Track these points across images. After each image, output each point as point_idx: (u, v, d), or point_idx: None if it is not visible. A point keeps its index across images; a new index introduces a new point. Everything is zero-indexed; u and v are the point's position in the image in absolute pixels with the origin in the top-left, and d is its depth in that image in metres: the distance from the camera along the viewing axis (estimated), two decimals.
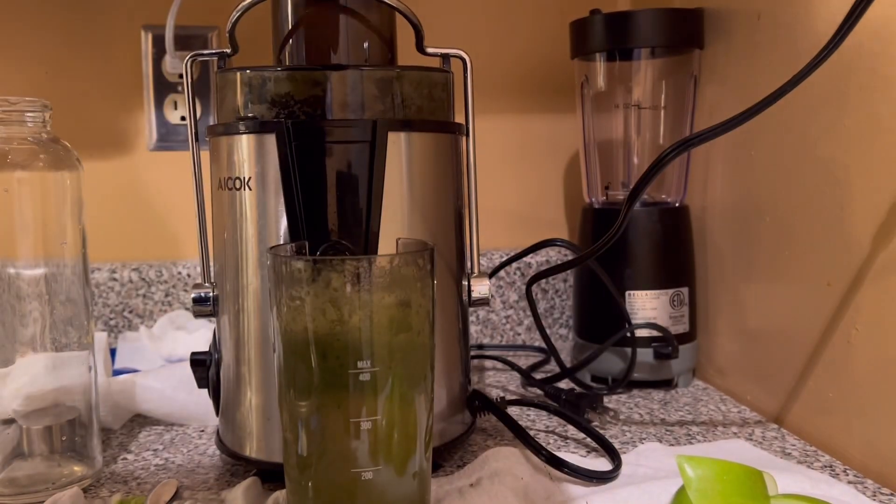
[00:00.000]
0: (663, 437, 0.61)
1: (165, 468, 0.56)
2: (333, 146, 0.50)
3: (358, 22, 0.54)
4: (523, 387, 0.74)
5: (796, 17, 0.61)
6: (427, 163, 0.53)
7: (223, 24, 0.54)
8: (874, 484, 0.52)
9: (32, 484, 0.50)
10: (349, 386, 0.38)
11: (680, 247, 0.74)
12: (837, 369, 0.57)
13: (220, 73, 0.53)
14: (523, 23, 0.90)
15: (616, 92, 0.77)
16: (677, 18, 0.72)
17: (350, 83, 0.51)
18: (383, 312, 0.38)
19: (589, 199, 0.79)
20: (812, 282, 0.59)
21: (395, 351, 0.39)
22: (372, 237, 0.50)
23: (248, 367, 0.52)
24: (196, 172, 0.55)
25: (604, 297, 0.72)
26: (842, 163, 0.56)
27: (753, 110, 0.49)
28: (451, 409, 0.55)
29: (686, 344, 0.73)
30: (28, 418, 0.51)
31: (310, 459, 0.40)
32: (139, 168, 0.86)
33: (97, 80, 0.85)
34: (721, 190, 0.73)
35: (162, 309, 0.85)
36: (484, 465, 0.52)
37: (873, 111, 0.53)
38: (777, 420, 0.64)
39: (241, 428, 0.53)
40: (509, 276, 0.89)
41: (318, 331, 0.38)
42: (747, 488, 0.44)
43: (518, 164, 0.92)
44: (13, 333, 0.50)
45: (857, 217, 0.55)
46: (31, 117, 0.51)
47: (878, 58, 0.52)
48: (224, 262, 0.53)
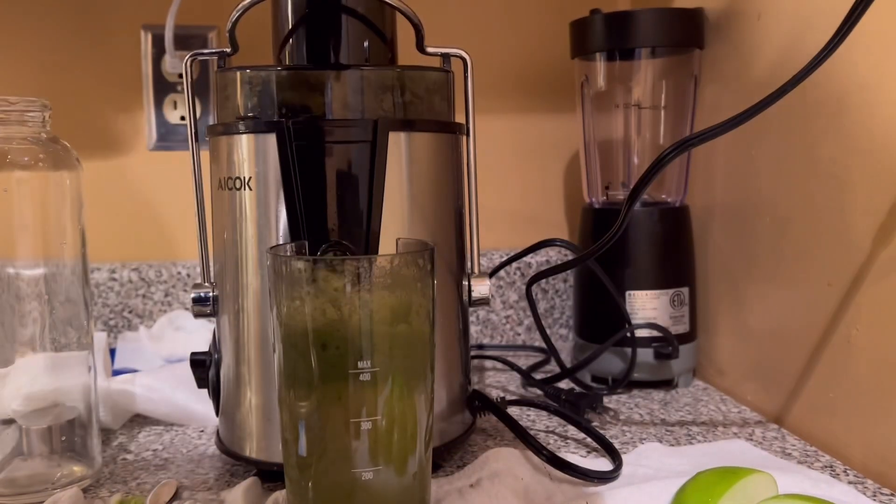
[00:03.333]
0: (663, 437, 0.61)
1: (165, 468, 0.56)
2: (334, 146, 0.50)
3: (358, 21, 0.54)
4: (523, 387, 0.74)
5: (796, 17, 0.61)
6: (427, 163, 0.53)
7: (223, 23, 0.54)
8: (874, 484, 0.51)
9: (32, 484, 0.50)
10: (349, 386, 0.38)
11: (680, 247, 0.74)
12: (837, 369, 0.57)
13: (220, 73, 0.53)
14: (523, 23, 0.90)
15: (616, 92, 0.77)
16: (677, 18, 0.72)
17: (350, 83, 0.51)
18: (383, 312, 0.38)
19: (589, 199, 0.79)
20: (812, 282, 0.59)
21: (395, 351, 0.39)
22: (372, 237, 0.50)
23: (248, 367, 0.52)
24: (196, 172, 0.54)
25: (604, 297, 0.72)
26: (842, 163, 0.56)
27: (753, 110, 0.49)
28: (451, 409, 0.55)
29: (686, 344, 0.73)
30: (28, 418, 0.51)
31: (310, 459, 0.39)
32: (139, 168, 0.86)
33: (97, 80, 0.85)
34: (721, 190, 0.73)
35: (161, 309, 0.85)
36: (484, 465, 0.52)
37: (873, 111, 0.53)
38: (777, 420, 0.64)
39: (241, 428, 0.53)
40: (509, 276, 0.89)
41: (318, 331, 0.38)
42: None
43: (518, 164, 0.92)
44: (13, 333, 0.50)
45: (857, 217, 0.54)
46: (31, 117, 0.50)
47: (878, 57, 0.52)
48: (224, 262, 0.53)
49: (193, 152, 0.54)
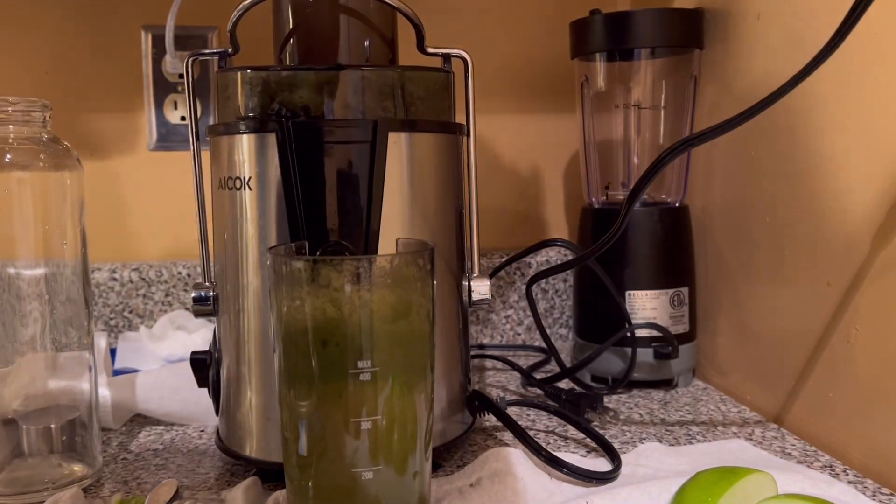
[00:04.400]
0: (663, 437, 0.61)
1: (165, 468, 0.56)
2: (334, 146, 0.50)
3: (359, 21, 0.54)
4: (523, 387, 0.74)
5: (796, 17, 0.61)
6: (427, 163, 0.53)
7: (223, 24, 0.54)
8: (874, 484, 0.52)
9: (32, 484, 0.50)
10: (349, 385, 0.38)
11: (680, 247, 0.74)
12: (837, 369, 0.57)
13: (221, 73, 0.53)
14: (523, 23, 0.90)
15: (616, 92, 0.77)
16: (677, 18, 0.72)
17: (351, 83, 0.51)
18: (383, 312, 0.38)
19: (589, 199, 0.79)
20: (812, 282, 0.59)
21: (395, 350, 0.39)
22: (372, 237, 0.50)
23: (248, 367, 0.52)
24: (196, 172, 0.55)
25: (604, 297, 0.72)
26: (842, 163, 0.56)
27: (753, 110, 0.49)
28: (451, 409, 0.55)
29: (686, 344, 0.73)
30: (28, 418, 0.51)
31: (310, 459, 0.40)
32: (140, 168, 0.86)
33: (98, 81, 0.85)
34: (721, 190, 0.73)
35: (162, 309, 0.85)
36: (484, 465, 0.52)
37: (873, 111, 0.53)
38: (777, 420, 0.64)
39: (241, 428, 0.53)
40: (509, 276, 0.89)
41: (318, 329, 0.38)
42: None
43: (518, 164, 0.92)
44: (13, 333, 0.50)
45: (857, 217, 0.55)
46: (32, 117, 0.51)
47: (878, 57, 0.52)
48: (224, 262, 0.53)
49: (194, 152, 0.54)
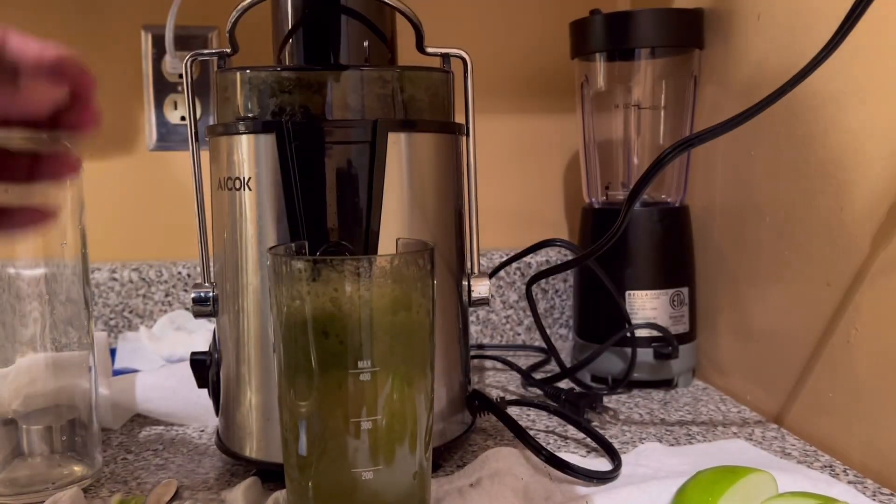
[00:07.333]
0: (663, 437, 0.61)
1: (165, 468, 0.56)
2: (333, 146, 0.50)
3: (358, 22, 0.54)
4: (523, 387, 0.74)
5: (796, 17, 0.61)
6: (427, 163, 0.53)
7: (223, 24, 0.54)
8: (874, 484, 0.52)
9: (32, 484, 0.50)
10: (349, 386, 0.38)
11: (680, 247, 0.74)
12: (837, 369, 0.57)
13: (221, 73, 0.53)
14: (523, 23, 0.90)
15: (616, 92, 0.77)
16: (677, 18, 0.72)
17: (350, 83, 0.51)
18: (383, 312, 0.38)
19: (589, 199, 0.79)
20: (812, 282, 0.59)
21: (394, 350, 0.39)
22: (372, 237, 0.50)
23: (248, 367, 0.52)
24: (196, 172, 0.55)
25: (604, 297, 0.72)
26: (842, 163, 0.56)
27: (753, 110, 0.49)
28: (451, 409, 0.55)
29: (686, 344, 0.73)
30: (28, 418, 0.51)
31: (310, 459, 0.40)
32: (139, 168, 0.86)
33: (97, 80, 0.85)
34: (721, 190, 0.73)
35: (162, 309, 0.85)
36: (484, 465, 0.52)
37: (872, 111, 0.53)
38: (777, 420, 0.64)
39: (241, 428, 0.53)
40: (509, 276, 0.89)
41: (318, 324, 0.38)
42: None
43: (518, 164, 0.92)
44: (13, 333, 0.50)
45: (857, 217, 0.55)
46: None
47: (879, 57, 0.52)
48: (224, 262, 0.53)
49: (193, 152, 0.54)
